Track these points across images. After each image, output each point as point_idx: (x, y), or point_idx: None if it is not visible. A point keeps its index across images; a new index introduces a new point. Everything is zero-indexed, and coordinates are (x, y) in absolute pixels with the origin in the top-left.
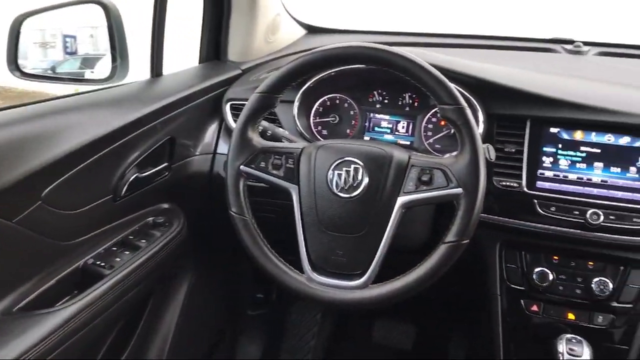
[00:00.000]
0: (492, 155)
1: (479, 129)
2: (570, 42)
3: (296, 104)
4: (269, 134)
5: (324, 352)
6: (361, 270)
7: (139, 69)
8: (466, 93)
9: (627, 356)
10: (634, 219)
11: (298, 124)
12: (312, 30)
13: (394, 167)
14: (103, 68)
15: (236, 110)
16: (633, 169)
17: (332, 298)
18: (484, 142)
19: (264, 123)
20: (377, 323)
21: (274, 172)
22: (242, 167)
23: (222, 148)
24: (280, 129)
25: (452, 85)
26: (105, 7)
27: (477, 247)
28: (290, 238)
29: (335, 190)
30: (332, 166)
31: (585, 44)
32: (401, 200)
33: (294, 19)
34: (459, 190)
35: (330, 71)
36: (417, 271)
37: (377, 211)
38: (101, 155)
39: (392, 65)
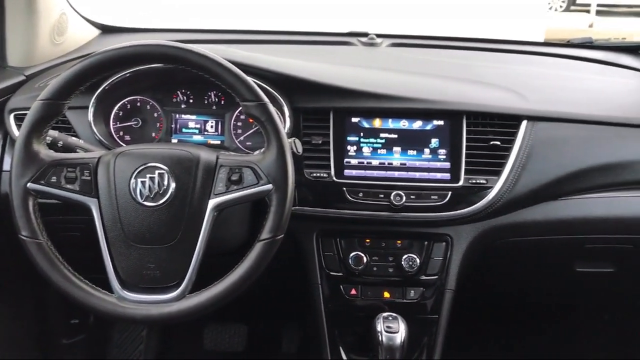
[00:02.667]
0: (300, 148)
1: (286, 124)
2: (365, 34)
3: (91, 109)
4: (60, 145)
5: None
6: (177, 281)
7: None
8: (270, 89)
9: (438, 324)
10: (432, 197)
11: (96, 131)
12: (106, 30)
13: (202, 169)
14: None
15: (21, 121)
16: (427, 151)
17: (146, 315)
18: (292, 136)
19: (53, 133)
20: (206, 329)
21: (68, 186)
22: (29, 184)
23: (8, 164)
24: (74, 138)
25: (252, 82)
26: None
27: (296, 239)
28: (101, 256)
29: (140, 200)
30: (134, 174)
31: (379, 36)
32: (212, 202)
33: (84, 18)
34: (270, 186)
35: (125, 72)
36: (235, 273)
37: (188, 217)
38: None
39: (188, 63)
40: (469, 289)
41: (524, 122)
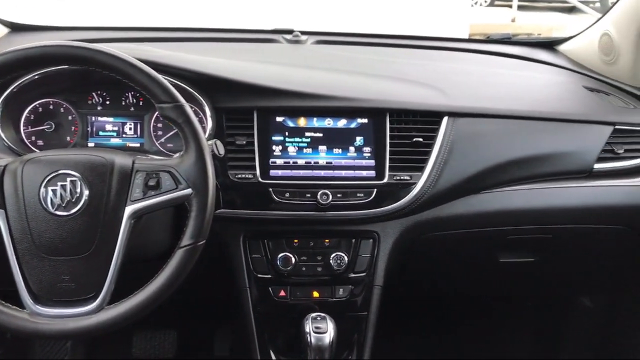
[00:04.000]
0: (221, 150)
1: (208, 125)
2: (290, 32)
3: None
4: None
5: None
6: (94, 292)
7: None
8: (189, 88)
9: (367, 321)
10: (358, 194)
11: (3, 137)
12: (15, 28)
13: (117, 175)
14: None
15: None
16: (352, 149)
17: (61, 330)
18: (214, 137)
19: None
20: (135, 336)
21: None
22: None
23: None
24: None
25: (166, 82)
26: None
27: (222, 243)
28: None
29: (51, 209)
30: (44, 182)
31: (303, 33)
32: (129, 209)
33: None
34: (189, 191)
35: (33, 74)
36: (155, 282)
37: (104, 226)
38: None
39: (97, 64)
40: (397, 285)
41: (445, 119)
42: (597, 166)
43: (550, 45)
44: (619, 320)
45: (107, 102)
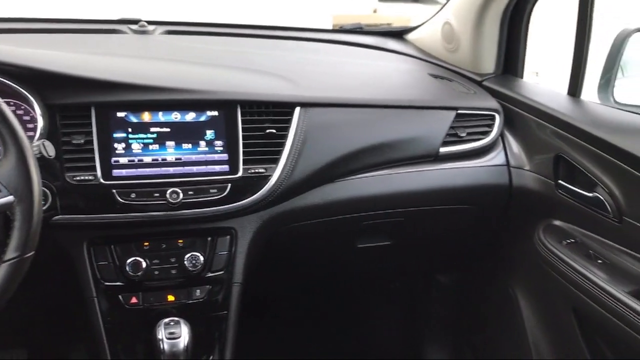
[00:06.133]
0: (51, 151)
1: (39, 124)
2: (136, 22)
3: None
4: None
5: None
6: None
7: None
8: (14, 85)
9: (227, 320)
10: (211, 190)
11: None
12: None
13: None
14: None
15: None
16: (203, 143)
17: None
18: (48, 137)
19: None
20: None
21: None
22: None
23: None
24: None
25: None
26: None
27: (64, 251)
28: None
29: None
30: None
31: (151, 23)
32: None
33: None
34: (10, 198)
35: None
36: None
37: None
38: None
39: None
40: (260, 280)
41: (297, 109)
42: (442, 150)
43: (399, 34)
44: (468, 295)
45: None
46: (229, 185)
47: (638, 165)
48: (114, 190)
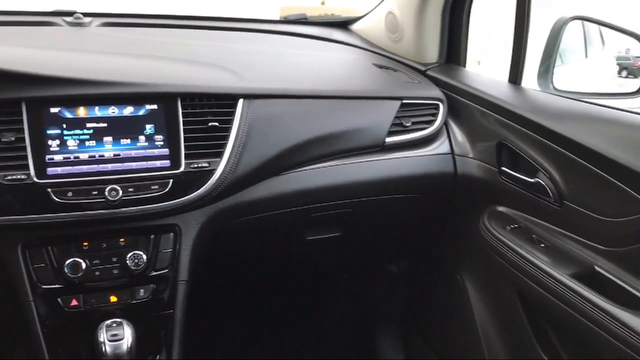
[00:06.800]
0: None
1: None
2: (71, 14)
3: None
4: None
5: None
6: None
7: None
8: None
9: (174, 319)
10: (152, 187)
11: None
12: None
13: None
14: None
15: None
16: (142, 138)
17: None
18: None
19: None
20: None
21: None
22: None
23: None
24: None
25: None
26: None
27: None
28: None
29: None
30: None
31: (87, 14)
32: None
33: None
34: None
35: None
36: None
37: None
38: None
39: None
40: (207, 276)
41: (241, 101)
42: (388, 140)
43: (344, 24)
44: (418, 284)
45: None
46: (171, 180)
47: (577, 150)
48: (49, 189)
